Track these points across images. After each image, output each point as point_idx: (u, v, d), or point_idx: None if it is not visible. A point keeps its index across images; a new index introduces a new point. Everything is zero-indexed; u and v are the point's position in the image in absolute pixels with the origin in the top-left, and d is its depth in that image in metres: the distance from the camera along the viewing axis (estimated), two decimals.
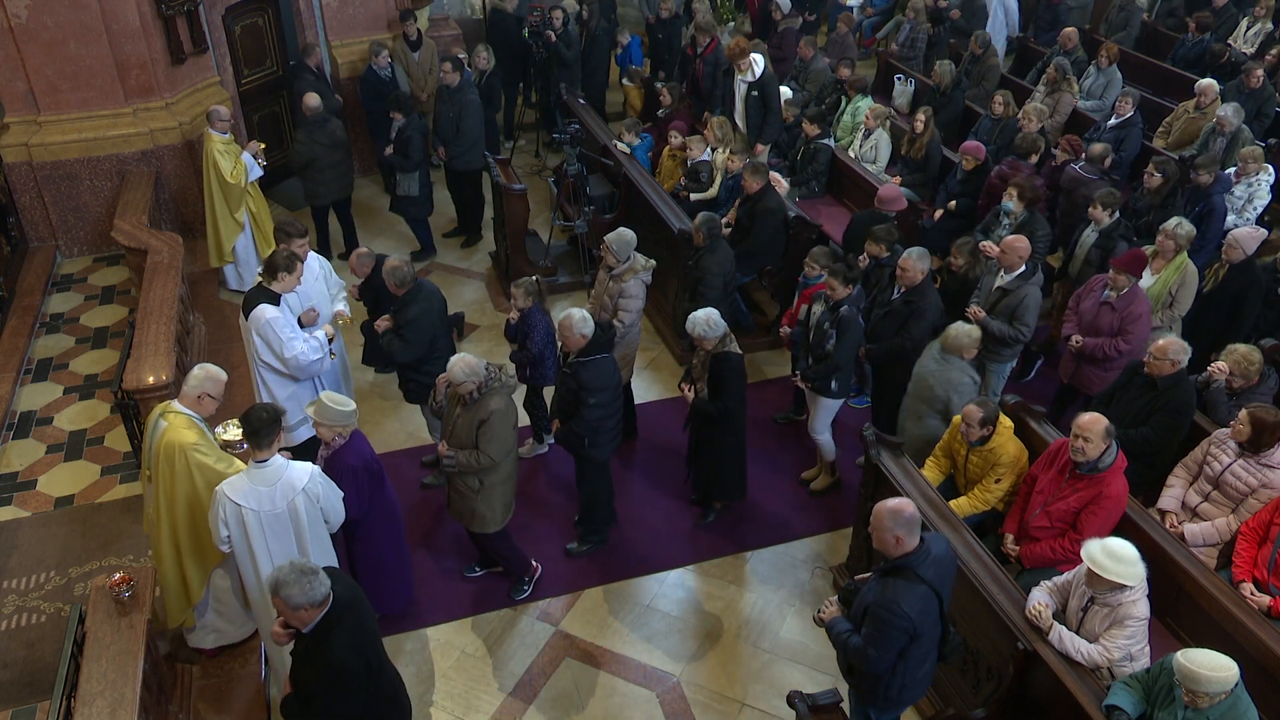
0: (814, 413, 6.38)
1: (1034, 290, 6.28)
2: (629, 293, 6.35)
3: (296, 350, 5.78)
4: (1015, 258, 6.25)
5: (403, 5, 10.76)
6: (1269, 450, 5.06)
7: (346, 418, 4.96)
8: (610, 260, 6.37)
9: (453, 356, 5.20)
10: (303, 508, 4.57)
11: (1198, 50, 11.08)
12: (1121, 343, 6.10)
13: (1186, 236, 6.45)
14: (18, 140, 8.57)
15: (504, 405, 5.23)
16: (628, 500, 6.51)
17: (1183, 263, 6.47)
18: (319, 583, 3.72)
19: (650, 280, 6.54)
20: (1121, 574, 4.12)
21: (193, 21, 8.91)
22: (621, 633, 5.74)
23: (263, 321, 5.71)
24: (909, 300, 6.13)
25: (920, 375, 5.86)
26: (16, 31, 8.14)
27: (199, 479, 4.75)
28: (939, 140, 8.97)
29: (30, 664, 5.23)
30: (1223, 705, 3.71)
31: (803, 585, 6.04)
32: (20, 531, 6.13)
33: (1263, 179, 7.73)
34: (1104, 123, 9.20)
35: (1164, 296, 6.47)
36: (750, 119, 8.53)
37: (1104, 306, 6.17)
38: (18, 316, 8.05)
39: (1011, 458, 5.29)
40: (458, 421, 5.27)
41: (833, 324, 5.99)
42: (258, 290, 5.83)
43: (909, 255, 6.10)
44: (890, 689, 4.14)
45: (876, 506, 4.00)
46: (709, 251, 6.83)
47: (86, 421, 7.12)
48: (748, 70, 8.31)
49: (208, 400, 4.86)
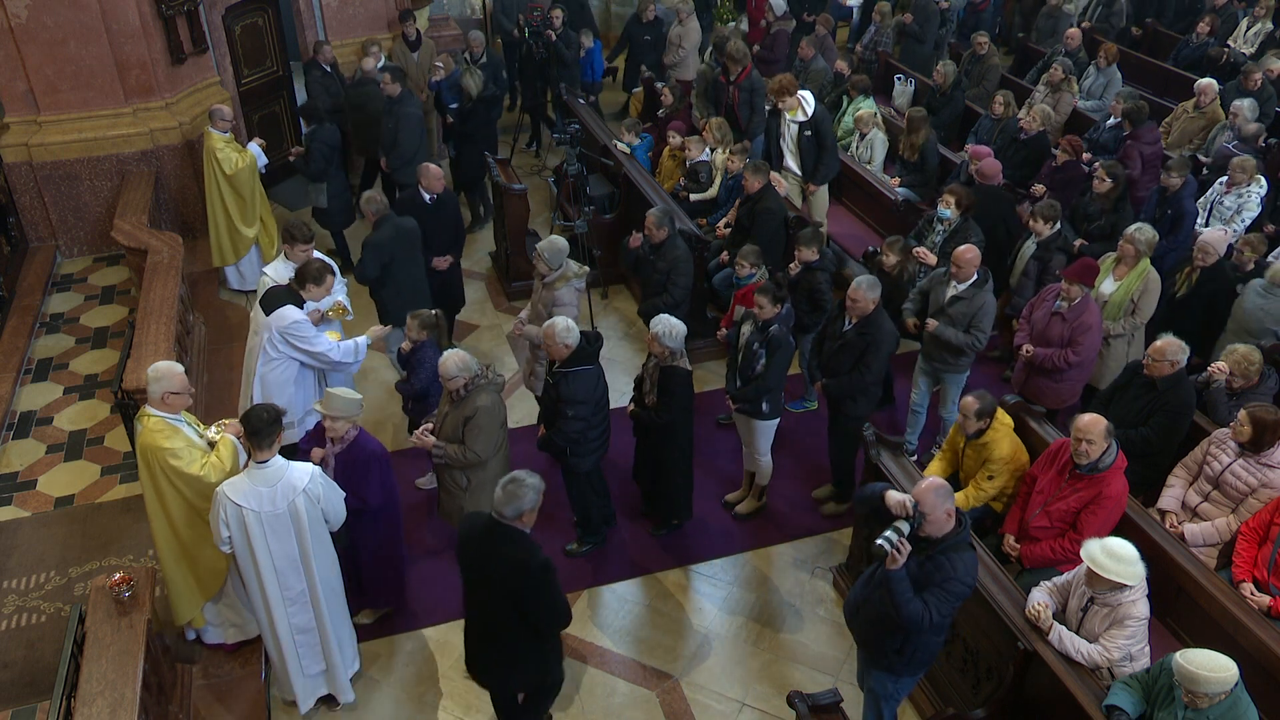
0: (751, 438, 6.17)
1: (989, 297, 6.19)
2: (561, 300, 6.25)
3: (325, 346, 5.90)
4: (970, 268, 6.17)
5: (402, 5, 10.77)
6: (1269, 450, 5.06)
7: (357, 406, 5.03)
8: (542, 268, 6.26)
9: (446, 351, 5.24)
10: (304, 508, 4.57)
11: (1199, 52, 11.09)
12: (1071, 354, 6.04)
13: (1148, 242, 6.34)
14: (18, 140, 8.57)
15: (492, 402, 5.25)
16: (628, 500, 6.51)
17: (1145, 269, 6.35)
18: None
19: (583, 287, 6.47)
20: (1121, 573, 4.12)
21: (193, 21, 8.92)
22: (621, 633, 5.74)
23: (288, 322, 5.80)
24: (863, 332, 5.83)
25: (1247, 310, 6.09)
26: (16, 31, 8.14)
27: (178, 483, 4.75)
28: (935, 141, 8.96)
29: (30, 664, 5.23)
30: (1222, 705, 3.71)
31: (803, 585, 6.04)
32: (20, 531, 6.13)
33: (1253, 190, 7.58)
34: (1104, 122, 9.21)
35: (1126, 304, 6.35)
36: (805, 159, 8.24)
37: (1055, 317, 6.09)
38: (18, 316, 8.05)
39: (1005, 454, 5.29)
40: (446, 417, 5.32)
41: (762, 344, 5.82)
42: (285, 292, 5.90)
43: (859, 285, 5.75)
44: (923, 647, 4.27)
45: (917, 493, 4.05)
46: (671, 245, 6.77)
47: (86, 421, 7.12)
48: (798, 110, 8.06)
49: (172, 398, 4.79)
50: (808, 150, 8.15)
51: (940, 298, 6.32)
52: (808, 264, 6.65)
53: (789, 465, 6.86)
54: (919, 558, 4.10)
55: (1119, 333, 6.35)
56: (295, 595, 4.75)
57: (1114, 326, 6.33)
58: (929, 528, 4.05)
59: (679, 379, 5.63)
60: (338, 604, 4.99)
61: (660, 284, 6.83)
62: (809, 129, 8.05)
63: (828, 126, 8.26)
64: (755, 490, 6.49)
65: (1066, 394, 6.30)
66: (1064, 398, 6.30)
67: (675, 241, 6.82)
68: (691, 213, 8.32)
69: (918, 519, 4.05)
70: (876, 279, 5.94)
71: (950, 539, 4.06)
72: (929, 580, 4.08)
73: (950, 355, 6.31)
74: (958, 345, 6.20)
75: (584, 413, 5.51)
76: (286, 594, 4.73)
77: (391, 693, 5.35)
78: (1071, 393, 6.33)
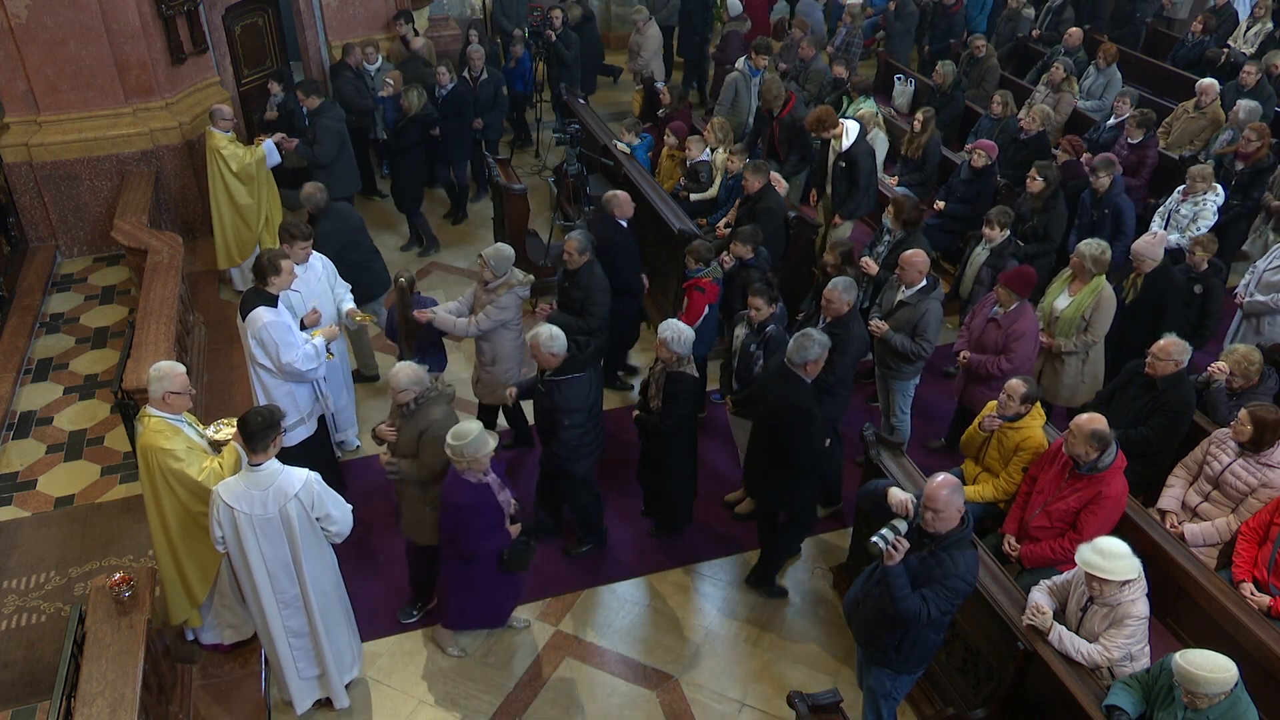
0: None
1: (935, 305, 6.14)
2: (500, 304, 6.17)
3: (293, 356, 5.75)
4: (915, 273, 6.14)
5: (402, 5, 10.77)
6: (1269, 450, 5.06)
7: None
8: (486, 275, 6.18)
9: (398, 364, 5.16)
10: (295, 514, 4.52)
11: (1197, 51, 11.10)
12: (1004, 361, 5.99)
13: (1100, 260, 6.12)
14: (18, 140, 8.57)
15: (445, 414, 5.12)
16: (628, 499, 6.51)
17: (1098, 287, 6.15)
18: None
19: (527, 295, 6.38)
20: (1116, 570, 4.11)
21: (193, 21, 8.93)
22: (621, 633, 5.74)
23: (260, 325, 5.67)
24: (833, 333, 5.79)
25: None
26: (16, 31, 8.15)
27: (175, 483, 4.74)
28: (939, 140, 8.98)
29: (30, 664, 5.23)
30: (1222, 706, 3.71)
31: (803, 585, 6.04)
32: (20, 531, 6.13)
33: (1209, 199, 7.51)
34: (1104, 123, 9.21)
35: (1078, 321, 6.17)
36: (835, 189, 8.06)
37: (991, 323, 6.07)
38: (18, 316, 8.05)
39: (1040, 443, 5.28)
40: (400, 432, 5.19)
41: (760, 345, 5.82)
42: (254, 293, 5.77)
43: (835, 286, 5.80)
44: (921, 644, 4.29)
45: (931, 490, 4.03)
46: (587, 271, 6.48)
47: (86, 421, 7.12)
48: (841, 139, 7.88)
49: (173, 398, 4.78)
50: (839, 180, 7.99)
51: (889, 302, 6.33)
52: (742, 260, 6.61)
53: None
54: (920, 553, 4.11)
55: (1071, 349, 6.20)
56: (288, 599, 4.73)
57: (1065, 343, 6.19)
58: (939, 524, 4.05)
59: (684, 385, 5.60)
60: (334, 610, 4.95)
61: (576, 311, 6.57)
62: (844, 160, 7.90)
63: (866, 164, 7.96)
64: None
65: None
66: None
67: (592, 268, 6.52)
68: (691, 213, 8.31)
69: (917, 518, 4.06)
70: (853, 281, 5.96)
71: (953, 536, 4.08)
72: (929, 576, 4.09)
73: (894, 360, 6.29)
74: (903, 351, 6.18)
75: (580, 420, 5.47)
76: (280, 597, 4.71)
77: (392, 693, 5.35)
78: None
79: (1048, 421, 5.50)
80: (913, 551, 4.10)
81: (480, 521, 4.91)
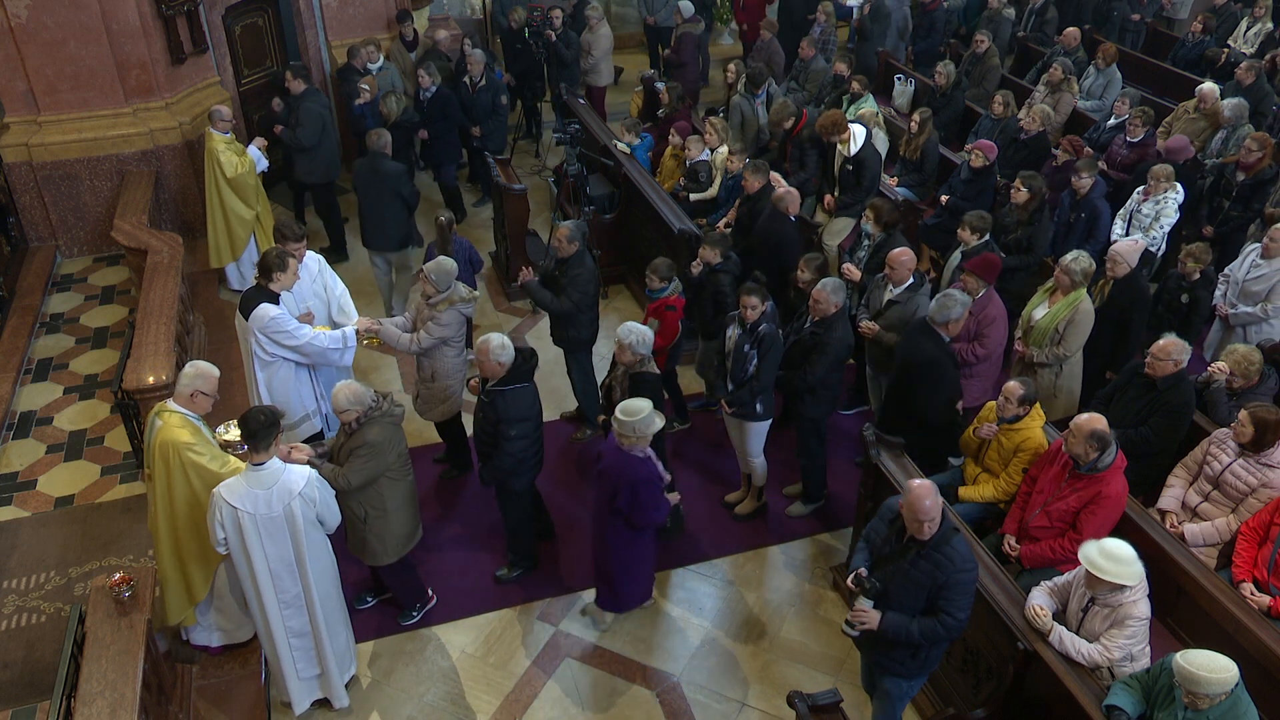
0: (743, 440, 6.17)
1: (924, 301, 6.14)
2: (440, 321, 6.04)
3: (309, 336, 5.77)
4: (904, 270, 6.15)
5: (402, 5, 10.77)
6: (1269, 450, 5.06)
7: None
8: (429, 290, 6.02)
9: (338, 384, 5.07)
10: (299, 512, 4.55)
11: (1197, 51, 11.10)
12: (979, 347, 6.00)
13: (1083, 272, 6.02)
14: (18, 140, 8.57)
15: (382, 437, 5.00)
16: None
17: (1077, 299, 6.02)
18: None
19: (471, 313, 6.30)
20: (1120, 574, 4.12)
21: (193, 21, 8.92)
22: (621, 633, 5.74)
23: (266, 320, 5.69)
24: (815, 333, 5.86)
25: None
26: (16, 31, 8.15)
27: (194, 478, 4.75)
28: (937, 141, 8.97)
29: (30, 664, 5.23)
30: (1222, 706, 3.71)
31: (803, 585, 6.04)
32: (20, 531, 6.13)
33: (1170, 197, 7.48)
34: (1103, 123, 9.21)
35: (1050, 332, 6.08)
36: (841, 191, 8.18)
37: None
38: (18, 316, 8.05)
39: (1041, 443, 5.28)
40: (340, 447, 5.14)
41: (753, 344, 5.79)
42: (256, 290, 5.80)
43: (823, 287, 5.79)
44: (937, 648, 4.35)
45: (911, 498, 4.08)
46: (577, 259, 6.50)
47: (86, 421, 7.12)
48: (849, 143, 7.99)
49: (201, 398, 4.85)
50: (845, 184, 8.11)
51: (878, 301, 6.33)
52: (710, 265, 6.58)
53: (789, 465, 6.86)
54: (910, 556, 4.16)
55: (1043, 361, 6.14)
56: (290, 599, 4.75)
57: (1038, 354, 6.16)
58: (929, 530, 4.10)
59: (648, 384, 5.60)
60: (334, 609, 4.97)
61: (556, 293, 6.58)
62: (850, 164, 8.00)
63: (874, 168, 8.06)
64: (754, 491, 6.49)
65: (978, 391, 6.21)
66: (975, 395, 6.18)
67: (583, 258, 6.54)
68: (691, 213, 8.31)
69: (874, 588, 4.22)
70: (842, 283, 5.96)
71: (939, 533, 4.12)
72: (929, 579, 4.11)
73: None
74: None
75: (526, 430, 5.41)
76: (281, 597, 4.72)
77: (392, 693, 5.35)
78: (983, 390, 6.24)
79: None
80: (903, 559, 4.17)
81: (656, 493, 5.14)
